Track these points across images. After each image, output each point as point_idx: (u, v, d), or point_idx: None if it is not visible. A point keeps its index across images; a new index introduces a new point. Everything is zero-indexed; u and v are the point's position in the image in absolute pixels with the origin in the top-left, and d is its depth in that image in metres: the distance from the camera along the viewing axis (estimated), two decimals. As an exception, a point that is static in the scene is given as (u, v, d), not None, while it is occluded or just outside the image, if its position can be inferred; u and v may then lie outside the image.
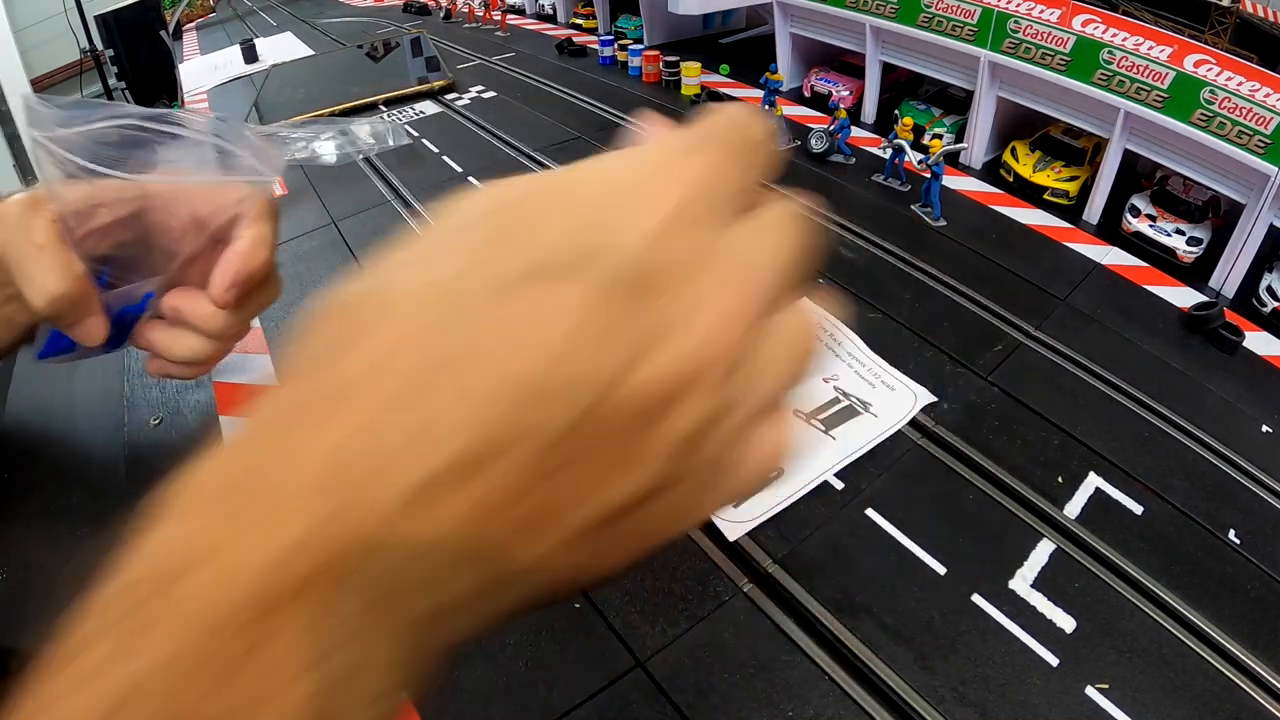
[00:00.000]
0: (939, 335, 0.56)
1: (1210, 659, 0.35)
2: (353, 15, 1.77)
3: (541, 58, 1.23)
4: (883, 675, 0.34)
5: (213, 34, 1.78)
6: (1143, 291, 0.63)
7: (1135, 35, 0.64)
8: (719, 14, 1.29)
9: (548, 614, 0.37)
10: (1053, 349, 0.55)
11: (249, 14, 1.97)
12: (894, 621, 0.37)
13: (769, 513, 0.42)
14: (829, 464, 0.45)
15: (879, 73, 0.91)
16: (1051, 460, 0.46)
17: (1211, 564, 0.40)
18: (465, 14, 1.54)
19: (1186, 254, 0.65)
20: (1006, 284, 0.63)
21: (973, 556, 0.40)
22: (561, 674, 0.34)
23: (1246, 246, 0.61)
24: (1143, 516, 0.43)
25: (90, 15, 1.98)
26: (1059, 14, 0.69)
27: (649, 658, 0.35)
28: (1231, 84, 0.58)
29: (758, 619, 0.37)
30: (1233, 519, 0.43)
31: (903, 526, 0.41)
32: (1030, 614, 0.37)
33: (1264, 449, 0.48)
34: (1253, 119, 0.57)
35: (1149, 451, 0.47)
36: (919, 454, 0.46)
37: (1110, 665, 0.35)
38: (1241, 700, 0.34)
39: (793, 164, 0.83)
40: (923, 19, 0.80)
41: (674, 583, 0.38)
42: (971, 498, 0.43)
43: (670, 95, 1.03)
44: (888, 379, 0.52)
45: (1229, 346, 0.56)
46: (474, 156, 0.87)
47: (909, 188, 0.77)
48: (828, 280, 0.63)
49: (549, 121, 0.96)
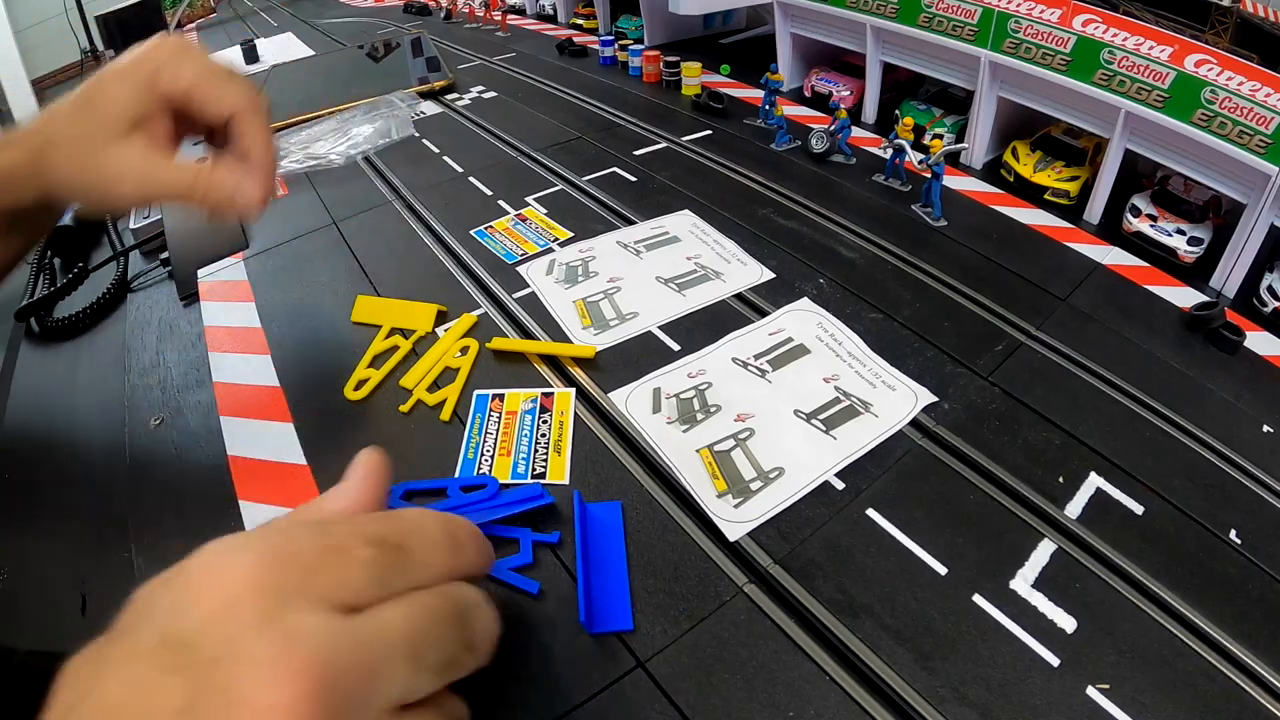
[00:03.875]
0: (940, 335, 0.56)
1: (1211, 659, 0.35)
2: (353, 15, 1.77)
3: (542, 58, 1.23)
4: (883, 675, 0.34)
5: (213, 34, 1.78)
6: (1143, 291, 0.63)
7: (1136, 35, 0.64)
8: (719, 14, 1.29)
9: (548, 615, 0.37)
10: (1054, 349, 0.55)
11: (249, 14, 1.97)
12: (895, 621, 0.37)
13: (770, 513, 0.42)
14: (829, 464, 0.45)
15: (879, 73, 0.91)
16: (1052, 460, 0.46)
17: (1213, 564, 0.40)
18: (466, 14, 1.54)
19: (1187, 254, 0.65)
20: (1007, 284, 0.63)
21: (974, 556, 0.40)
22: (562, 675, 0.34)
23: (1247, 246, 0.61)
24: (1143, 516, 0.43)
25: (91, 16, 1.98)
26: (1059, 14, 0.69)
27: (650, 658, 0.35)
28: (1232, 84, 0.58)
29: (758, 619, 0.37)
30: (1234, 519, 0.43)
31: (903, 526, 0.41)
32: (1031, 614, 0.37)
33: (1265, 449, 0.48)
34: (1253, 119, 0.57)
35: (1150, 451, 0.47)
36: (920, 454, 0.46)
37: (1111, 665, 0.35)
38: (1243, 700, 0.34)
39: (793, 164, 0.83)
40: (923, 19, 0.80)
41: (674, 583, 0.38)
42: (972, 498, 0.43)
43: (671, 95, 1.03)
44: (888, 379, 0.52)
45: (1230, 346, 0.56)
46: (475, 157, 0.87)
47: (909, 188, 0.77)
48: (828, 280, 0.63)
49: (550, 122, 0.96)
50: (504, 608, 0.30)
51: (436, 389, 0.52)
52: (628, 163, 0.84)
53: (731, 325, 0.58)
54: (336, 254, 0.70)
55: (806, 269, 0.64)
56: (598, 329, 0.58)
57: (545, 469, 0.45)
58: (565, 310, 0.60)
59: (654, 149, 0.87)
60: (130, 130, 0.41)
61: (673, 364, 0.54)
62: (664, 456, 0.46)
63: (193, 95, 0.42)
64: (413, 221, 0.74)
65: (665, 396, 0.51)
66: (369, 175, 0.85)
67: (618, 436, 0.48)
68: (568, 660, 0.35)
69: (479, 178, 0.82)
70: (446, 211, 0.75)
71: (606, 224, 0.72)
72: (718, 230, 0.70)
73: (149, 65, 0.41)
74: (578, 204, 0.76)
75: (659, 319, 0.58)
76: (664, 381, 0.52)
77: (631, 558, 0.40)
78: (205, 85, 0.42)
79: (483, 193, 0.79)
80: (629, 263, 0.66)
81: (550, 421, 0.49)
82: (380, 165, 0.87)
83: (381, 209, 0.77)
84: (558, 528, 0.41)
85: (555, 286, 0.63)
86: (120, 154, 0.40)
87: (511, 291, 0.63)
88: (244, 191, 0.43)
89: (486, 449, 0.47)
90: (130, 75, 0.41)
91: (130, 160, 0.41)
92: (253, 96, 0.45)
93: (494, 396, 0.51)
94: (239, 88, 0.44)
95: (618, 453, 0.47)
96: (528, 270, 0.66)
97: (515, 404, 0.51)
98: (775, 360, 0.54)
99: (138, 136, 0.41)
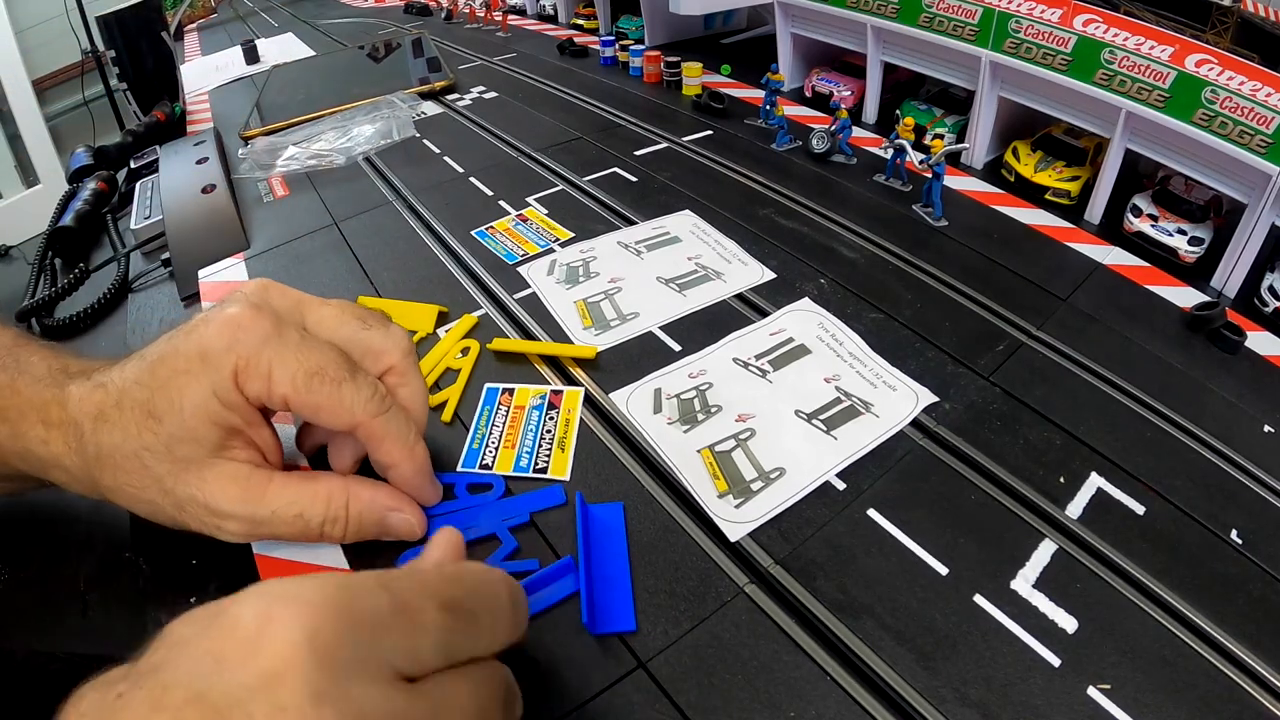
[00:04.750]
0: (940, 335, 0.56)
1: (1212, 659, 0.35)
2: (354, 16, 1.77)
3: (543, 58, 1.23)
4: (884, 675, 0.34)
5: (214, 35, 1.78)
6: (1144, 291, 0.63)
7: (1137, 35, 0.64)
8: (720, 14, 1.29)
9: (550, 616, 0.37)
10: (1054, 349, 0.55)
11: (250, 15, 1.97)
12: (896, 622, 0.37)
13: (770, 513, 0.42)
14: (830, 464, 0.45)
15: (880, 73, 0.91)
16: (1053, 460, 0.46)
17: (1214, 564, 0.40)
18: (466, 15, 1.54)
19: (1188, 254, 0.65)
20: (1008, 284, 0.63)
21: (974, 557, 0.40)
22: (564, 675, 0.34)
23: (1248, 246, 0.61)
24: (1144, 517, 0.43)
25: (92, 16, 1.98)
26: (1060, 14, 0.69)
27: (650, 658, 0.35)
28: (1233, 84, 0.58)
29: (759, 619, 0.37)
30: (1235, 519, 0.43)
31: (904, 527, 0.41)
32: (1032, 614, 0.37)
33: (1266, 449, 0.48)
34: (1254, 119, 0.57)
35: (1151, 451, 0.47)
36: (921, 454, 0.46)
37: (1112, 666, 0.35)
38: (1244, 700, 0.34)
39: (794, 164, 0.83)
40: (924, 19, 0.80)
41: (675, 583, 0.38)
42: (973, 498, 0.43)
43: (671, 96, 1.03)
44: (889, 379, 0.52)
45: (1231, 346, 0.56)
46: (476, 157, 0.87)
47: (910, 188, 0.77)
48: (829, 280, 0.63)
49: (551, 122, 0.96)
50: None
51: (438, 390, 0.52)
52: (628, 163, 0.84)
53: (732, 325, 0.58)
54: (337, 254, 0.70)
55: (807, 269, 0.64)
56: (599, 329, 0.58)
57: (548, 464, 0.45)
58: (566, 311, 0.60)
59: (655, 149, 0.87)
60: (217, 451, 0.31)
61: (673, 364, 0.54)
62: (665, 457, 0.46)
63: (294, 405, 0.31)
64: (413, 222, 0.74)
65: (666, 397, 0.51)
66: (370, 175, 0.85)
67: (619, 437, 0.48)
68: (569, 660, 0.35)
69: (480, 178, 0.82)
70: (447, 212, 0.75)
71: (607, 224, 0.72)
72: (718, 230, 0.70)
73: (229, 361, 0.30)
74: (578, 204, 0.76)
75: (660, 319, 0.58)
76: (665, 382, 0.52)
77: (633, 558, 0.40)
78: (309, 392, 0.31)
79: (483, 193, 0.79)
80: (630, 263, 0.66)
81: (557, 419, 0.49)
82: (381, 165, 0.87)
83: (382, 209, 0.77)
84: (562, 539, 0.41)
85: (556, 287, 0.63)
86: (209, 489, 0.31)
87: (512, 292, 0.63)
88: (400, 516, 0.34)
89: (492, 441, 0.47)
90: (205, 375, 0.30)
91: (225, 496, 0.31)
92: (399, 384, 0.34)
93: (504, 390, 0.52)
94: (363, 388, 0.32)
95: (619, 453, 0.47)
96: (528, 271, 0.66)
97: (524, 399, 0.51)
98: (776, 360, 0.54)
99: (225, 462, 0.31)
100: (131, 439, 0.30)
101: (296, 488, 0.32)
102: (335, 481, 0.33)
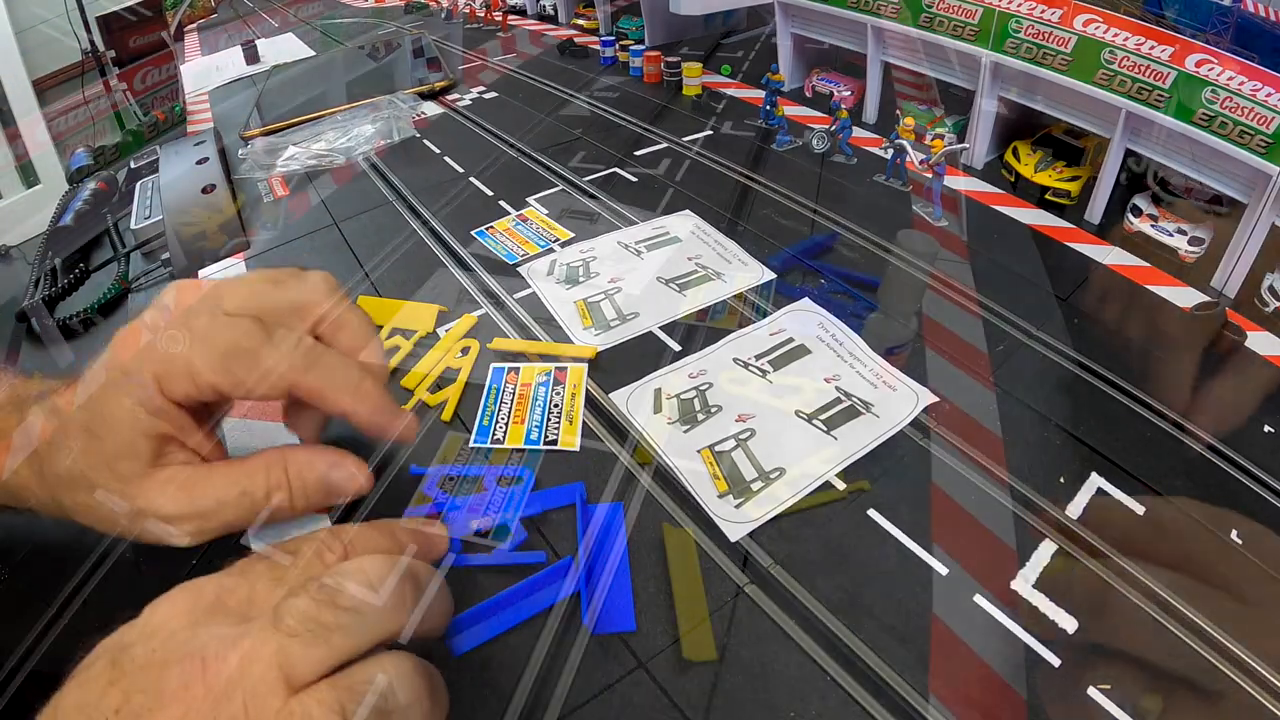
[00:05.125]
0: (940, 335, 0.56)
1: (1213, 659, 0.35)
2: (354, 16, 1.77)
3: (543, 58, 1.23)
4: (884, 676, 0.34)
5: (214, 35, 1.78)
6: (1144, 291, 0.63)
7: (1137, 35, 0.64)
8: (720, 14, 1.29)
9: (550, 616, 0.37)
10: (1054, 349, 0.55)
11: (250, 14, 1.97)
12: (895, 622, 0.37)
13: (770, 513, 0.42)
14: (831, 464, 0.45)
15: (880, 73, 0.91)
16: (1053, 460, 0.46)
17: (1214, 564, 0.40)
18: (466, 14, 1.54)
19: (1188, 254, 0.65)
20: (1008, 284, 0.63)
21: (975, 557, 0.40)
22: (564, 675, 0.34)
23: (1248, 246, 0.61)
24: (1144, 517, 0.42)
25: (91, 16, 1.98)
26: (1060, 14, 0.69)
27: (651, 658, 0.35)
28: (1233, 83, 0.58)
29: (759, 619, 0.37)
30: (1235, 519, 0.42)
31: (904, 527, 0.41)
32: (1032, 614, 0.37)
33: (1266, 449, 0.48)
34: (1254, 118, 0.57)
35: (1151, 451, 0.47)
36: (921, 454, 0.46)
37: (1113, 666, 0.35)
38: (1244, 701, 0.34)
39: (794, 164, 0.83)
40: (924, 19, 0.80)
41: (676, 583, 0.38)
42: (973, 498, 0.43)
43: (671, 96, 1.03)
44: (889, 379, 0.52)
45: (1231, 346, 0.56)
46: (476, 157, 0.87)
47: (910, 188, 0.77)
48: (829, 280, 0.63)
49: (551, 122, 0.96)
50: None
51: (438, 389, 0.52)
52: (628, 163, 0.84)
53: (732, 325, 0.58)
54: (337, 254, 0.70)
55: (807, 269, 0.64)
56: (598, 329, 0.58)
57: (557, 436, 0.46)
58: (566, 310, 0.60)
59: (655, 149, 0.87)
60: (154, 460, 0.31)
61: (673, 364, 0.54)
62: (665, 457, 0.46)
63: (225, 389, 0.31)
64: (413, 222, 0.74)
65: (666, 397, 0.51)
66: (370, 175, 0.85)
67: (619, 437, 0.48)
68: (569, 661, 0.35)
69: (480, 178, 0.82)
70: (447, 212, 0.75)
71: (607, 224, 0.72)
72: (718, 230, 0.70)
73: (147, 371, 0.30)
74: (578, 204, 0.76)
75: (660, 319, 0.58)
76: (665, 382, 0.52)
77: (633, 558, 0.40)
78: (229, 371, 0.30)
79: (484, 193, 0.79)
80: (630, 263, 0.66)
81: (563, 393, 0.50)
82: (381, 165, 0.87)
83: (382, 209, 0.77)
84: (563, 539, 0.41)
85: (556, 287, 0.63)
86: (152, 497, 0.30)
87: (512, 292, 0.63)
88: (340, 469, 0.34)
89: (501, 417, 0.48)
90: (128, 389, 0.30)
91: (167, 499, 0.31)
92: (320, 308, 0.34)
93: (509, 370, 0.52)
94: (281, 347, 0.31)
95: (619, 453, 0.47)
96: (528, 271, 0.66)
97: (530, 376, 0.52)
98: (776, 360, 0.54)
99: (163, 469, 0.31)
100: (79, 461, 0.30)
101: (235, 468, 0.32)
102: (271, 451, 0.33)
